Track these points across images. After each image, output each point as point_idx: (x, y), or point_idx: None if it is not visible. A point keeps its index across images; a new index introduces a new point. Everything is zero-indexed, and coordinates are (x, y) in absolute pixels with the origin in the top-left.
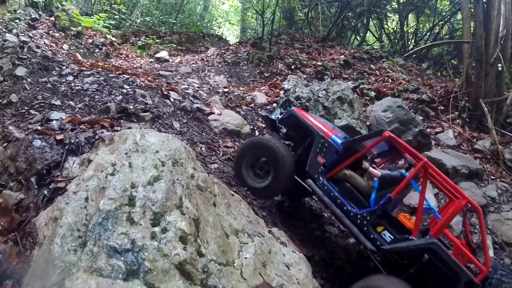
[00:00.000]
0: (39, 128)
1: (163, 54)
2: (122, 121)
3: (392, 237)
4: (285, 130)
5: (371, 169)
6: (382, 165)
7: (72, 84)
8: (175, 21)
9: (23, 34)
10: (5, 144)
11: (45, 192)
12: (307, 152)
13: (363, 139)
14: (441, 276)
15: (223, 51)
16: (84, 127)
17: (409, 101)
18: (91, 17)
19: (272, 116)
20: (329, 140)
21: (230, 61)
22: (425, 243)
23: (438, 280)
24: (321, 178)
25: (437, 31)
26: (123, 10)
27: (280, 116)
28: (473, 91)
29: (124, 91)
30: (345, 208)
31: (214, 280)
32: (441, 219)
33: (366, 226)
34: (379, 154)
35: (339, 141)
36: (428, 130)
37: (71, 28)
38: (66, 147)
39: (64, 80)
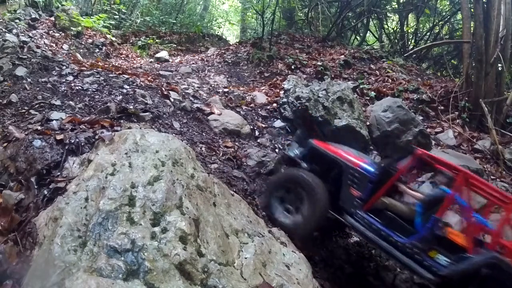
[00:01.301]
0: (39, 128)
1: (163, 54)
2: (122, 121)
3: (448, 260)
4: (306, 165)
5: (411, 191)
6: (412, 182)
7: (72, 84)
8: (175, 21)
9: (23, 34)
10: (5, 144)
11: (45, 192)
12: (335, 185)
13: (395, 162)
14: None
15: (223, 51)
16: (84, 127)
17: (409, 101)
18: (91, 17)
19: (290, 153)
20: (359, 169)
21: (230, 61)
22: (486, 259)
23: None
24: (359, 212)
25: (437, 31)
26: (123, 10)
27: (298, 152)
28: (473, 91)
29: (124, 91)
30: (391, 239)
31: (214, 280)
32: (494, 229)
33: (419, 254)
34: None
35: (371, 169)
36: (428, 130)
37: (71, 28)
38: (66, 147)
39: (64, 80)
